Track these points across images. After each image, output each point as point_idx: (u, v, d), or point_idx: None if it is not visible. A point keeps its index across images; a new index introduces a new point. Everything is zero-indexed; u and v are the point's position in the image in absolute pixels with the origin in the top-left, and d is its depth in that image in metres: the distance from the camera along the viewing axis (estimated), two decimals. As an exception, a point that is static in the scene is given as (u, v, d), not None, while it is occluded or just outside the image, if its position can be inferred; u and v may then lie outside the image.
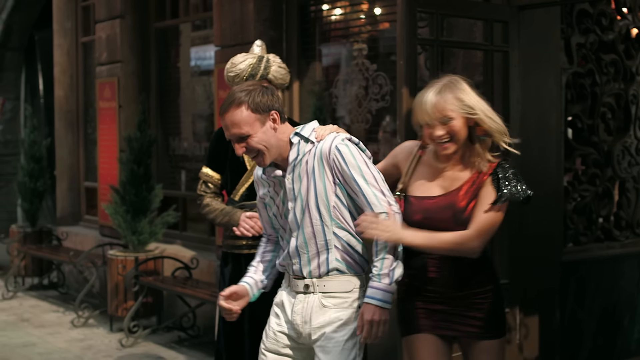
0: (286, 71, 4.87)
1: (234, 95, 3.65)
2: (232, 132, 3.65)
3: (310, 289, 3.75)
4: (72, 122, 11.44)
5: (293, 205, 3.73)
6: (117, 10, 9.79)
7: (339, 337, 3.72)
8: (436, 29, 5.25)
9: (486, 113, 3.64)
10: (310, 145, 3.72)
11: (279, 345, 3.85)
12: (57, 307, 9.71)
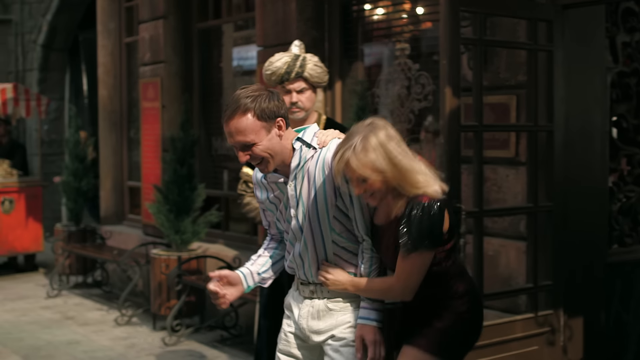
0: (323, 70, 4.86)
1: (239, 102, 3.55)
2: (237, 140, 3.55)
3: (315, 294, 3.77)
4: (116, 122, 11.52)
5: (295, 212, 3.70)
6: (160, 11, 9.85)
7: (350, 338, 3.72)
8: (479, 28, 5.21)
9: (397, 171, 3.46)
10: (312, 151, 3.67)
11: (290, 346, 3.88)
12: (101, 305, 9.79)
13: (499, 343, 5.20)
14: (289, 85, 4.82)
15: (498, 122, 6.00)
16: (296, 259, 3.77)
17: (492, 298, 5.48)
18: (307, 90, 4.84)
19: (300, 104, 4.82)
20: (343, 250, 3.71)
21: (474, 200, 5.21)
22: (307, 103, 4.85)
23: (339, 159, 3.45)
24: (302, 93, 4.83)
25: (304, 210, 3.67)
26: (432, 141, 6.98)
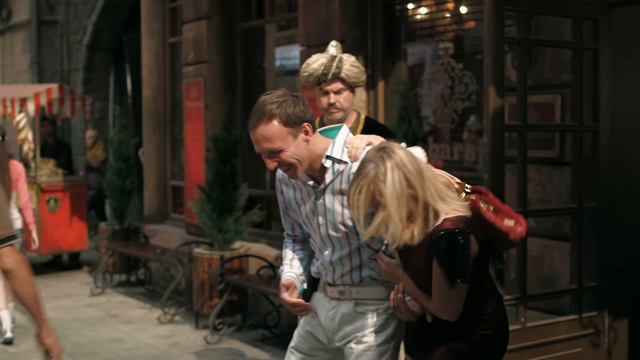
0: (360, 70, 4.84)
1: (264, 108, 3.50)
2: (263, 147, 3.51)
3: (344, 295, 3.75)
4: (160, 121, 11.60)
5: (324, 221, 3.68)
6: (203, 11, 9.89)
7: (373, 341, 3.70)
8: (523, 27, 5.18)
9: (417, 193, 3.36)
10: (343, 166, 3.64)
11: (307, 345, 3.89)
12: (144, 303, 9.86)
13: (542, 344, 5.17)
14: (326, 87, 4.81)
15: (542, 121, 5.95)
16: (326, 265, 3.76)
17: (535, 299, 5.45)
18: (344, 90, 4.83)
19: (338, 104, 4.82)
20: (377, 252, 3.70)
21: (517, 201, 5.18)
22: (344, 103, 4.84)
23: (356, 190, 3.35)
24: (340, 94, 4.82)
25: (335, 221, 3.66)
26: (475, 141, 6.95)
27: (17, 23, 16.82)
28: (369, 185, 3.32)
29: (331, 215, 3.66)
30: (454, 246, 3.33)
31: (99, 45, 14.81)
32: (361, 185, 3.33)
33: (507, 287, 4.99)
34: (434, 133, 7.34)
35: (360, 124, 4.95)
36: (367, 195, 3.33)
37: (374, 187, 3.32)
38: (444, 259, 3.34)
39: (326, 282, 3.82)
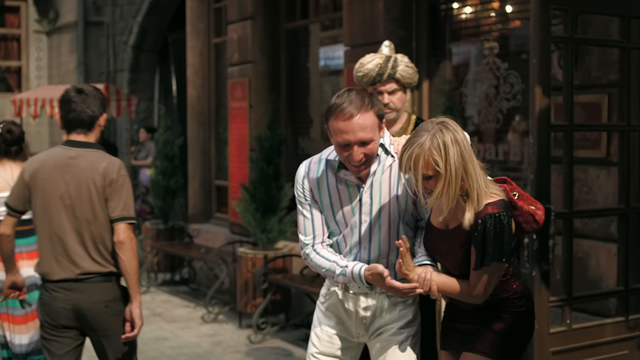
0: (414, 70, 4.83)
1: (363, 99, 3.56)
2: (359, 136, 3.54)
3: (375, 289, 3.76)
4: (204, 121, 11.66)
5: (369, 218, 3.70)
6: (248, 12, 9.93)
7: (407, 332, 3.77)
8: (570, 26, 5.13)
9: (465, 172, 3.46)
10: (390, 160, 3.70)
11: (334, 347, 3.88)
12: (188, 302, 9.91)
13: (588, 347, 5.11)
14: (380, 87, 4.80)
15: (589, 121, 5.89)
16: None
17: (581, 301, 5.39)
18: (398, 91, 4.81)
19: (391, 105, 4.80)
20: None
21: (563, 201, 5.13)
22: (398, 104, 4.83)
23: (409, 155, 3.44)
24: (394, 94, 4.80)
25: (380, 218, 3.69)
26: (520, 141, 6.90)
27: (64, 24, 17.02)
28: (426, 154, 3.40)
29: (377, 212, 3.69)
30: (501, 228, 3.45)
31: (144, 45, 14.92)
32: (417, 154, 3.41)
33: (552, 289, 4.95)
34: (478, 133, 7.30)
35: (410, 124, 4.93)
36: (424, 164, 3.41)
37: (429, 156, 3.40)
38: (492, 241, 3.45)
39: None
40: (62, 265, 4.43)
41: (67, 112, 4.53)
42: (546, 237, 4.74)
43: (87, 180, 4.42)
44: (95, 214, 4.42)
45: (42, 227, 4.49)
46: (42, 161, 4.54)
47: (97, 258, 4.44)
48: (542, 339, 4.79)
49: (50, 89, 13.25)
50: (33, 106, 12.33)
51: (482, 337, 3.67)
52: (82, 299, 4.42)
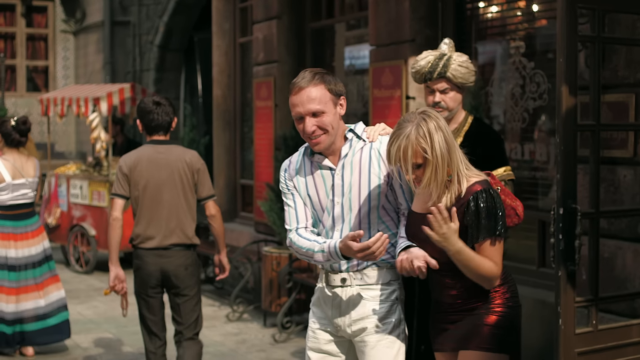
0: (468, 70, 4.77)
1: (313, 75, 3.78)
2: (308, 107, 3.73)
3: (347, 282, 3.83)
4: (229, 120, 11.69)
5: (341, 200, 3.80)
6: (274, 11, 9.94)
7: (382, 331, 3.80)
8: (597, 25, 5.09)
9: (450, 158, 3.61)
10: (362, 143, 3.83)
11: (319, 342, 3.94)
12: (213, 301, 9.94)
13: (614, 347, 5.07)
14: (432, 85, 4.78)
15: (616, 121, 5.86)
16: None
17: (608, 301, 5.36)
18: (450, 90, 4.77)
19: (443, 104, 4.77)
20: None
21: (590, 201, 5.10)
22: (450, 103, 4.78)
23: (397, 147, 3.55)
24: (446, 93, 4.77)
25: (351, 199, 3.78)
26: (546, 140, 6.87)
27: (91, 24, 17.12)
28: (413, 144, 3.53)
29: (348, 193, 3.79)
30: (493, 203, 3.59)
31: (170, 45, 14.97)
32: (405, 145, 3.53)
33: (578, 289, 4.92)
34: (504, 132, 7.27)
35: (466, 125, 4.87)
36: (412, 153, 3.53)
37: (417, 145, 3.52)
38: (486, 215, 3.57)
39: (329, 270, 3.89)
40: (155, 237, 5.69)
41: (149, 121, 5.73)
42: (572, 237, 4.71)
43: (178, 169, 5.71)
44: (185, 196, 5.75)
45: (140, 208, 5.72)
46: (136, 157, 5.75)
47: (180, 232, 5.72)
48: (567, 339, 4.76)
49: (76, 89, 13.33)
50: (60, 105, 12.41)
51: (477, 333, 3.71)
52: (169, 262, 5.70)
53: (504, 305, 3.75)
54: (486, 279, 3.65)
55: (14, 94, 18.64)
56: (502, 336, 3.73)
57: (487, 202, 3.58)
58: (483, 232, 3.58)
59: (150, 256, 5.72)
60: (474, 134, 4.82)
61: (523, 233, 7.14)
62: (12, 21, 19.00)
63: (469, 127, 4.86)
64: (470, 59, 7.54)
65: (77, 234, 12.06)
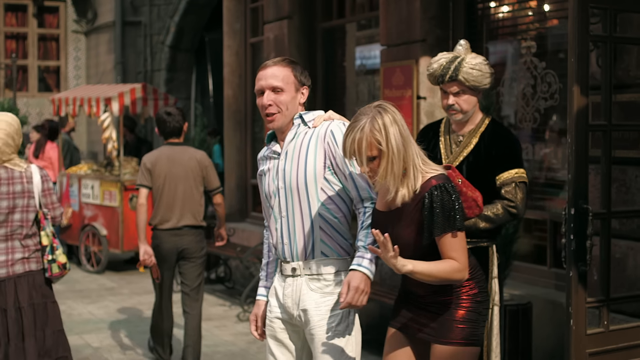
0: (481, 73, 4.71)
1: (282, 58, 3.96)
2: (269, 82, 3.87)
3: (297, 272, 3.86)
4: (240, 120, 11.70)
5: (283, 185, 3.86)
6: (285, 11, 9.95)
7: (330, 322, 3.82)
8: (609, 24, 5.08)
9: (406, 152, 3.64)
10: (305, 129, 3.89)
11: (275, 330, 3.98)
12: (224, 301, 9.95)
13: (625, 348, 5.06)
14: (445, 88, 4.76)
15: (628, 121, 5.84)
16: (283, 237, 3.89)
17: (619, 302, 5.34)
18: (464, 93, 4.73)
19: (456, 106, 4.74)
20: (328, 224, 3.82)
21: (601, 202, 5.09)
22: (464, 106, 4.74)
23: (352, 139, 3.58)
24: (459, 96, 4.73)
25: (291, 183, 3.83)
26: (558, 141, 6.85)
27: (102, 24, 17.16)
28: (368, 137, 3.56)
29: (289, 178, 3.84)
30: (449, 197, 3.62)
31: (181, 45, 15.00)
32: (360, 137, 3.57)
33: (589, 290, 4.91)
34: (515, 132, 7.26)
35: (482, 127, 4.84)
36: (367, 145, 3.56)
37: (371, 137, 3.56)
38: (441, 211, 3.60)
39: (282, 260, 3.93)
40: (171, 219, 6.84)
41: (164, 128, 6.96)
42: (584, 237, 4.70)
43: (190, 166, 6.90)
44: (196, 188, 6.95)
45: (160, 196, 6.85)
46: (157, 155, 6.90)
47: (191, 216, 6.91)
48: (579, 340, 4.75)
49: (88, 89, 13.35)
50: (72, 105, 12.44)
51: (448, 327, 3.78)
52: (181, 239, 6.88)
53: (472, 300, 3.81)
54: (452, 280, 3.70)
55: (25, 94, 18.70)
56: (471, 330, 3.80)
57: (443, 197, 3.61)
58: (439, 227, 3.61)
59: (167, 236, 6.86)
60: (489, 136, 4.80)
61: (534, 233, 7.13)
62: (23, 22, 19.06)
63: (485, 128, 4.83)
64: (482, 59, 7.58)
65: (88, 234, 12.08)
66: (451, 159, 4.80)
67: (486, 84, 4.78)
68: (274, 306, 3.99)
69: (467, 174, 4.70)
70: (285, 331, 3.97)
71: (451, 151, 4.84)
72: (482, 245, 4.77)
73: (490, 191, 4.72)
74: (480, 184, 4.68)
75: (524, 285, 6.81)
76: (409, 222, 3.68)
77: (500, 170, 4.74)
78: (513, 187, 4.72)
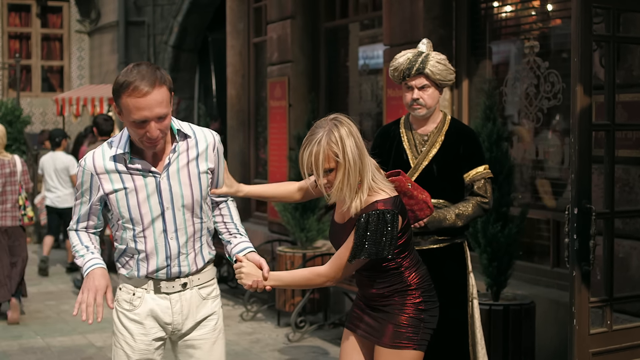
0: (446, 68, 4.80)
1: (155, 73, 3.44)
2: (156, 112, 3.42)
3: (187, 286, 3.76)
4: (244, 120, 11.70)
5: (170, 205, 3.62)
6: (288, 11, 9.95)
7: (217, 325, 3.85)
8: (612, 24, 5.08)
9: (361, 165, 3.70)
10: (184, 142, 3.65)
11: (150, 353, 3.77)
12: (227, 300, 9.96)
13: (628, 348, 5.07)
14: (410, 82, 4.81)
15: (631, 120, 5.84)
16: (173, 256, 3.67)
17: (622, 301, 5.34)
18: (429, 87, 4.81)
19: (421, 100, 4.80)
20: (207, 230, 3.81)
21: (604, 201, 5.09)
22: (428, 101, 4.81)
23: (309, 152, 3.65)
24: (424, 90, 4.80)
25: (183, 201, 3.64)
26: (561, 140, 6.85)
27: (106, 24, 17.17)
28: (325, 149, 3.62)
29: (178, 197, 3.62)
30: (382, 225, 3.67)
31: (184, 45, 15.01)
32: (317, 150, 3.63)
33: (593, 289, 4.91)
34: (518, 132, 7.26)
35: (445, 125, 4.92)
36: (324, 158, 3.62)
37: (328, 150, 3.62)
38: (370, 233, 3.67)
39: (166, 279, 3.71)
40: None
41: (102, 129, 7.18)
42: (587, 237, 4.71)
43: None
44: None
45: None
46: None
47: None
48: (582, 339, 4.76)
49: (91, 89, 13.39)
50: (75, 105, 12.47)
51: (388, 330, 3.88)
52: None
53: (415, 308, 3.87)
54: (312, 285, 3.91)
55: (29, 94, 18.72)
56: (411, 335, 3.87)
57: (377, 224, 3.67)
58: (362, 252, 3.69)
59: None
60: (454, 134, 4.92)
61: (537, 233, 7.13)
62: (27, 22, 19.08)
63: (448, 126, 4.91)
64: (485, 59, 7.60)
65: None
66: (420, 159, 4.87)
67: (450, 80, 4.86)
68: (150, 329, 3.73)
69: (437, 172, 4.84)
70: (162, 350, 3.82)
71: (417, 151, 4.89)
72: (457, 241, 4.91)
73: (458, 188, 4.89)
74: (449, 181, 4.86)
75: (527, 285, 6.82)
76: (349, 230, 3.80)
77: (469, 168, 4.88)
78: (483, 184, 4.86)
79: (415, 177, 4.82)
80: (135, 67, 3.47)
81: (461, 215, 4.78)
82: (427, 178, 4.81)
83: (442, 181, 4.85)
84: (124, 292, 3.78)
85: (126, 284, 3.78)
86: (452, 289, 4.84)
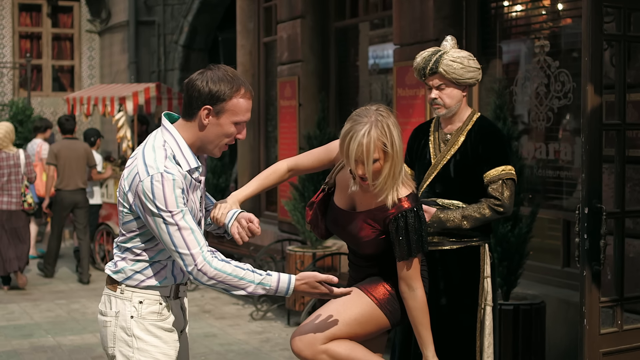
0: (462, 66, 4.66)
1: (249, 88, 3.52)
2: (248, 117, 3.51)
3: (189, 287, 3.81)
4: (254, 120, 11.71)
5: (203, 211, 3.70)
6: (298, 11, 9.96)
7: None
8: (623, 23, 5.07)
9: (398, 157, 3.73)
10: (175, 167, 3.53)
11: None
12: (237, 300, 9.97)
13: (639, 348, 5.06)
14: (428, 81, 4.75)
15: (641, 120, 5.83)
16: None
17: (633, 301, 5.33)
18: (446, 87, 4.69)
19: (439, 100, 4.70)
20: None
21: (615, 201, 5.08)
22: (447, 100, 4.70)
23: (358, 144, 3.65)
24: (441, 90, 4.70)
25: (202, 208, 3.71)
26: (571, 140, 6.84)
27: (116, 24, 17.20)
28: (375, 140, 3.64)
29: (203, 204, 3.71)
30: (419, 222, 3.77)
31: (194, 44, 15.02)
32: (367, 141, 3.63)
33: (603, 289, 4.90)
34: (528, 132, 7.25)
35: (470, 124, 4.79)
36: (374, 148, 3.64)
37: (378, 140, 3.65)
38: (415, 233, 3.75)
39: (184, 283, 3.69)
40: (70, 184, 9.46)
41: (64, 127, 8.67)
42: (597, 237, 4.70)
43: (80, 151, 9.30)
44: (83, 165, 9.76)
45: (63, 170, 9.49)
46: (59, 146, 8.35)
47: (80, 182, 10.06)
48: (592, 339, 4.75)
49: (102, 88, 13.40)
50: (86, 105, 12.48)
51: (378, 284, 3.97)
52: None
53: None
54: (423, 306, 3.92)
55: (40, 94, 18.75)
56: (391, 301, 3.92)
57: (415, 222, 3.76)
58: (414, 250, 3.76)
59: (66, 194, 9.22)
60: (476, 133, 4.75)
61: (548, 233, 7.13)
62: (38, 21, 19.11)
63: (472, 125, 4.78)
64: (495, 58, 7.58)
65: (102, 232, 12.12)
66: (439, 158, 4.77)
67: (469, 78, 4.72)
68: (177, 333, 3.66)
69: (454, 172, 4.70)
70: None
71: (439, 150, 4.81)
72: (473, 244, 4.73)
73: (479, 189, 4.71)
74: (469, 182, 4.70)
75: (537, 284, 6.80)
76: (362, 226, 3.83)
77: (487, 168, 4.69)
78: (500, 185, 4.66)
79: (433, 177, 4.75)
80: (227, 69, 3.52)
81: (469, 217, 4.62)
82: (445, 178, 4.73)
83: (461, 181, 4.72)
84: (147, 304, 3.56)
85: (149, 295, 3.56)
86: (459, 292, 4.69)
